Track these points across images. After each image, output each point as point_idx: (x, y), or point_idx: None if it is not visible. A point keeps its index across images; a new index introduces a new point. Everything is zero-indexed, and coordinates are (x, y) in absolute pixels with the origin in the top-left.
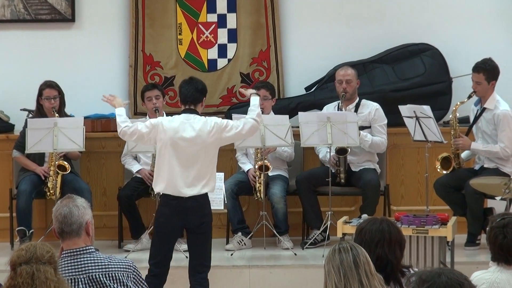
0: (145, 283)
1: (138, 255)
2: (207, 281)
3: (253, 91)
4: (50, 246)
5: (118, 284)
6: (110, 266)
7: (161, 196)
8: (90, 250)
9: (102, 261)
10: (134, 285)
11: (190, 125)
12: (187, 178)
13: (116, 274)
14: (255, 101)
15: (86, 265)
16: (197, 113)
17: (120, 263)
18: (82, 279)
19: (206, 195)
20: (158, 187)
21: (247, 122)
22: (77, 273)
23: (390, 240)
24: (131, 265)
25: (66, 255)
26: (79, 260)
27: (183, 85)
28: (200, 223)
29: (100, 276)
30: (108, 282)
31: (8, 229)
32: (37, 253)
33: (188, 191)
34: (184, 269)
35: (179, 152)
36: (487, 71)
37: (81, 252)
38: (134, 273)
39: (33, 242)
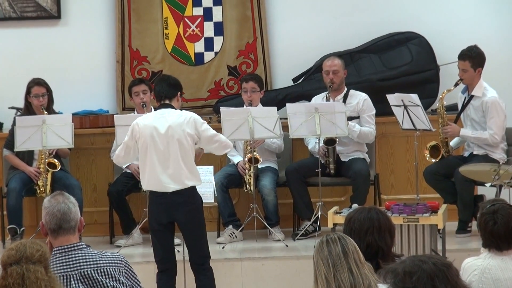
0: (137, 277)
1: (130, 250)
2: (210, 271)
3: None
4: (41, 244)
5: (110, 279)
6: (101, 261)
7: (149, 194)
8: (81, 246)
9: (94, 257)
10: (126, 279)
11: (164, 118)
12: (168, 172)
13: (108, 270)
14: None
15: (78, 261)
16: (172, 107)
17: (112, 259)
18: (74, 276)
19: (192, 188)
20: (144, 184)
21: (221, 135)
22: (69, 270)
23: (379, 227)
24: (122, 260)
25: (58, 251)
26: (71, 256)
27: (156, 83)
28: (188, 217)
29: (92, 272)
30: (100, 278)
31: None
32: (27, 252)
33: (171, 186)
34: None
35: (157, 147)
36: (472, 58)
37: (73, 248)
38: (126, 268)
39: (23, 241)
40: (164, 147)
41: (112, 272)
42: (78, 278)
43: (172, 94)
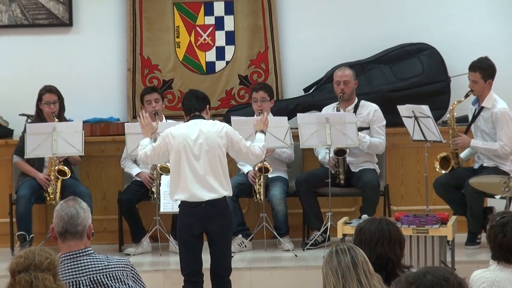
0: (142, 281)
1: (139, 259)
2: (229, 284)
3: (261, 128)
4: (50, 251)
5: (119, 283)
6: (109, 266)
7: (180, 205)
8: (89, 252)
9: (102, 262)
10: (134, 283)
11: (198, 128)
12: (201, 182)
13: (116, 274)
14: (261, 136)
15: (86, 267)
16: (203, 118)
17: (119, 263)
18: (83, 281)
19: (224, 199)
20: (177, 196)
21: (255, 147)
22: (78, 276)
23: (390, 239)
24: (128, 263)
25: (66, 257)
26: (79, 262)
27: (184, 98)
28: (221, 229)
29: (101, 277)
30: (110, 282)
31: (8, 234)
32: (36, 260)
33: (206, 195)
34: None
35: (190, 157)
36: (483, 69)
37: (81, 254)
38: (132, 272)
39: (32, 248)
40: (198, 155)
41: (120, 276)
42: (87, 283)
43: (201, 107)
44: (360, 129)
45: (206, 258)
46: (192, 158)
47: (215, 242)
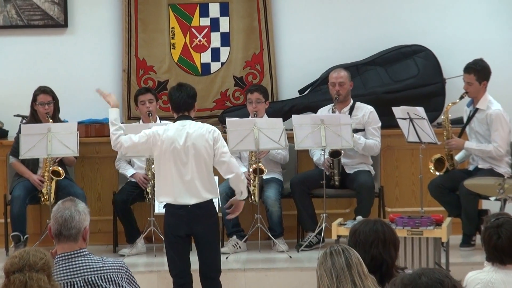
0: (137, 283)
1: (133, 260)
2: (220, 285)
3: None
4: (45, 252)
5: (113, 285)
6: (104, 268)
7: (165, 206)
8: (85, 253)
9: (97, 263)
10: (128, 285)
11: (185, 130)
12: (189, 186)
13: (111, 276)
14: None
15: (81, 268)
16: (191, 118)
17: (114, 264)
18: (78, 282)
19: (210, 201)
20: (162, 198)
21: (235, 163)
22: (72, 276)
23: (384, 240)
24: (124, 265)
25: (61, 258)
26: (74, 263)
27: (173, 93)
28: (207, 230)
29: (96, 278)
30: (104, 284)
31: (3, 235)
32: (30, 260)
33: (192, 200)
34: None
35: (178, 160)
36: (477, 71)
37: (76, 255)
38: (127, 273)
39: (27, 249)
40: (185, 159)
41: (115, 278)
42: (82, 284)
43: (191, 106)
44: (355, 130)
45: (195, 260)
46: (179, 163)
47: (202, 244)
